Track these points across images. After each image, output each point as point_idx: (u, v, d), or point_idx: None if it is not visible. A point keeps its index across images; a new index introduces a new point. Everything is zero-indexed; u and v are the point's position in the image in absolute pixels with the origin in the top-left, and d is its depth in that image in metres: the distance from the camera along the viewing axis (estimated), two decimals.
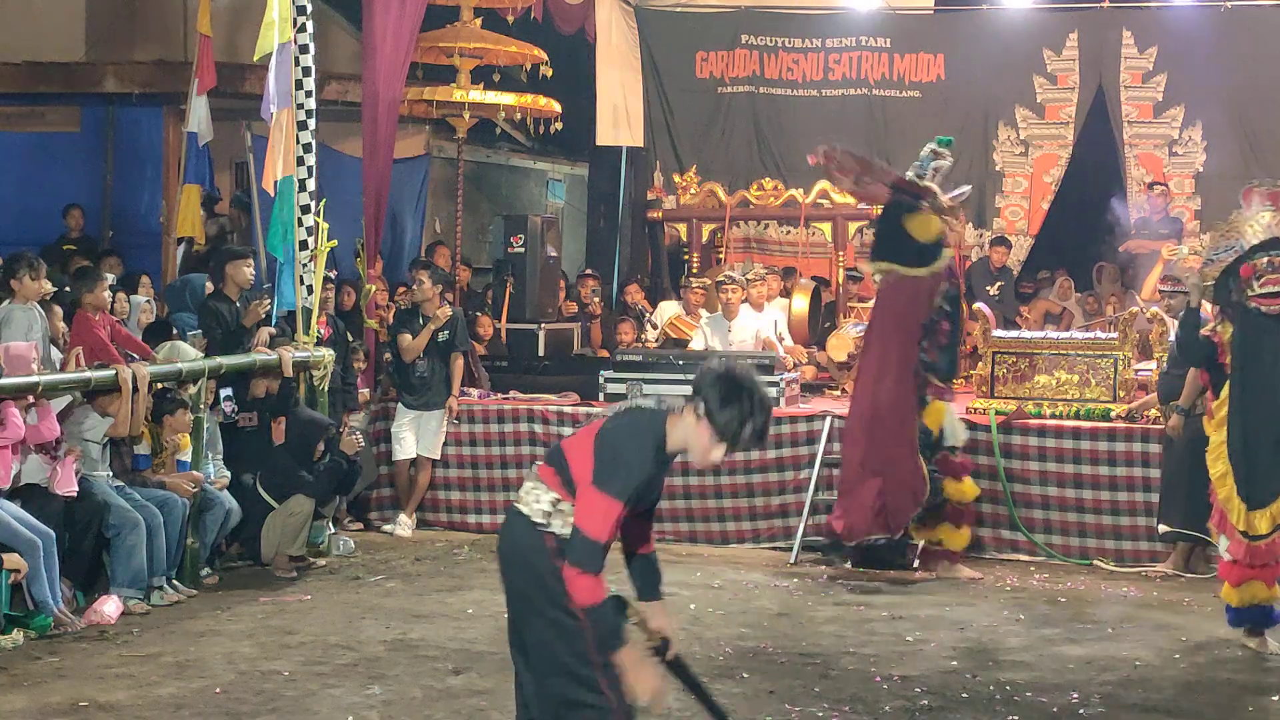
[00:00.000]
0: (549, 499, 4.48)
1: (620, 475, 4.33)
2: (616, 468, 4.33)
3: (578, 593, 4.37)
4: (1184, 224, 13.82)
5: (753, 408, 4.36)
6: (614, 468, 4.33)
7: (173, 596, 8.28)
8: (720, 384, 4.36)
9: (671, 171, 14.73)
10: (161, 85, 13.65)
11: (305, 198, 9.96)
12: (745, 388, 4.37)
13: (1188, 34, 14.05)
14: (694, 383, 4.40)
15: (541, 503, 4.49)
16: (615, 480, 4.33)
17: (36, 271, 8.52)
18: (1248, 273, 7.34)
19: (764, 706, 6.46)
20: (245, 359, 9.35)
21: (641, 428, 4.43)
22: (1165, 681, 6.95)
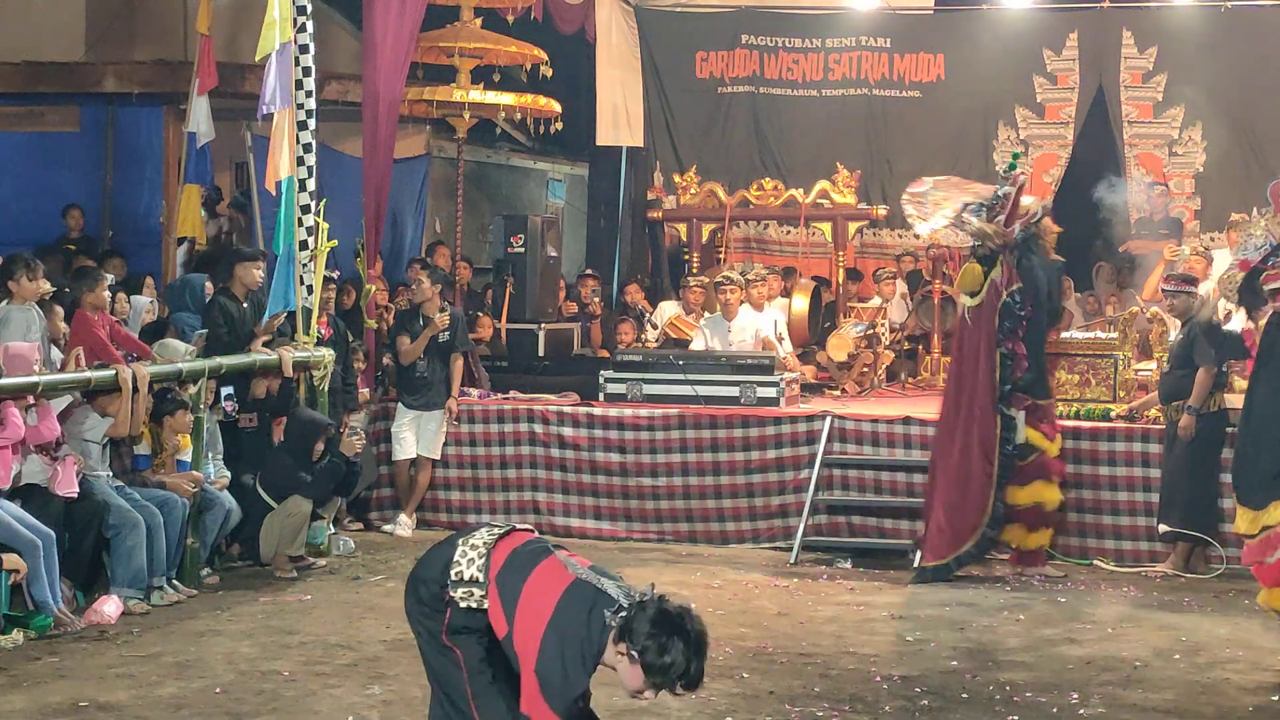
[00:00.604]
0: (476, 586, 4.38)
1: (563, 692, 4.20)
2: (565, 684, 4.20)
3: None
4: (1184, 224, 13.83)
5: (690, 655, 4.14)
6: (562, 683, 4.20)
7: (173, 596, 8.28)
8: (657, 632, 4.11)
9: (671, 171, 14.73)
10: (161, 85, 13.63)
11: (305, 198, 9.96)
12: (683, 633, 4.13)
13: (1188, 34, 14.04)
14: (626, 621, 4.12)
15: (468, 570, 4.39)
16: (558, 697, 4.20)
17: (34, 272, 8.50)
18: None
19: (764, 706, 6.46)
20: (245, 359, 9.35)
21: (590, 641, 4.20)
22: (1165, 681, 6.95)
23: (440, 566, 4.48)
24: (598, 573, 4.33)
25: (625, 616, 4.15)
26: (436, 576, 4.48)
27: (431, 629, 4.50)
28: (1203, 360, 9.27)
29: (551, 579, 4.31)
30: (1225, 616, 8.27)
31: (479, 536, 4.50)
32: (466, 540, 4.50)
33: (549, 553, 4.42)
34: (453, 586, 4.42)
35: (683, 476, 10.28)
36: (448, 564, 4.45)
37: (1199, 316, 9.44)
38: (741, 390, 10.41)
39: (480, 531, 4.53)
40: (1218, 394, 9.35)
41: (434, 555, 4.56)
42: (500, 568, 4.40)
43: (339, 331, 10.50)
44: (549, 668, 4.19)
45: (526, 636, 4.25)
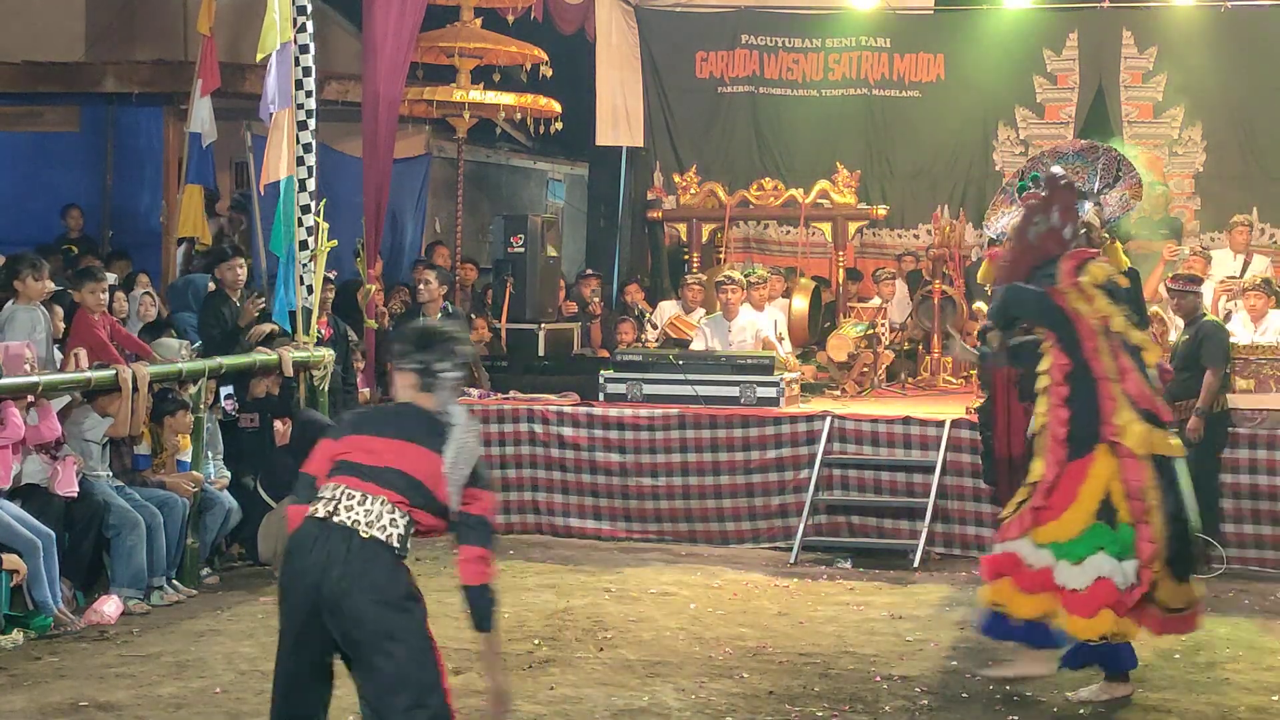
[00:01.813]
0: (401, 518, 4.49)
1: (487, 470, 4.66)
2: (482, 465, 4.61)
3: (493, 572, 4.58)
4: (1184, 224, 13.83)
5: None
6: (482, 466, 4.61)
7: (173, 596, 8.28)
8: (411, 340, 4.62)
9: (671, 171, 14.73)
10: (161, 85, 13.64)
11: (305, 198, 9.96)
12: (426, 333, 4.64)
13: (1188, 34, 14.05)
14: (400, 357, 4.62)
15: (386, 520, 4.47)
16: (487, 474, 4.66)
17: (39, 271, 8.53)
18: None
19: (764, 706, 6.46)
20: (245, 359, 9.36)
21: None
22: (1165, 681, 6.94)
23: (374, 549, 4.42)
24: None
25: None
26: (380, 552, 4.44)
27: (390, 597, 4.45)
28: (1211, 361, 9.27)
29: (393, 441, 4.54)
30: (1225, 616, 8.26)
31: (322, 505, 4.47)
32: (330, 512, 4.43)
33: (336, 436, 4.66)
34: (401, 545, 4.50)
35: (683, 476, 10.27)
36: (377, 543, 4.44)
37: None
38: (741, 390, 10.41)
39: (318, 505, 4.49)
40: (1220, 394, 9.35)
41: (359, 554, 4.41)
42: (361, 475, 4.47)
43: (339, 331, 10.50)
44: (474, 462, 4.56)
45: (427, 466, 4.48)
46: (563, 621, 7.91)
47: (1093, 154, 8.91)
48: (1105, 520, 6.37)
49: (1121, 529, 6.36)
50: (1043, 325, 6.77)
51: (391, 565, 4.46)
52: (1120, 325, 6.57)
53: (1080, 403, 6.48)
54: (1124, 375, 6.49)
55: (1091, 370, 6.48)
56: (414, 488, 4.47)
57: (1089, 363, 6.50)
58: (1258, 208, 13.78)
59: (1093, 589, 6.30)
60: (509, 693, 4.72)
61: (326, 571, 4.36)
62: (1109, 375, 6.47)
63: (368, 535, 4.40)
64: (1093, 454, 6.42)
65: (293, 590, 4.44)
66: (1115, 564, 6.32)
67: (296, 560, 4.43)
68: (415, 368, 4.58)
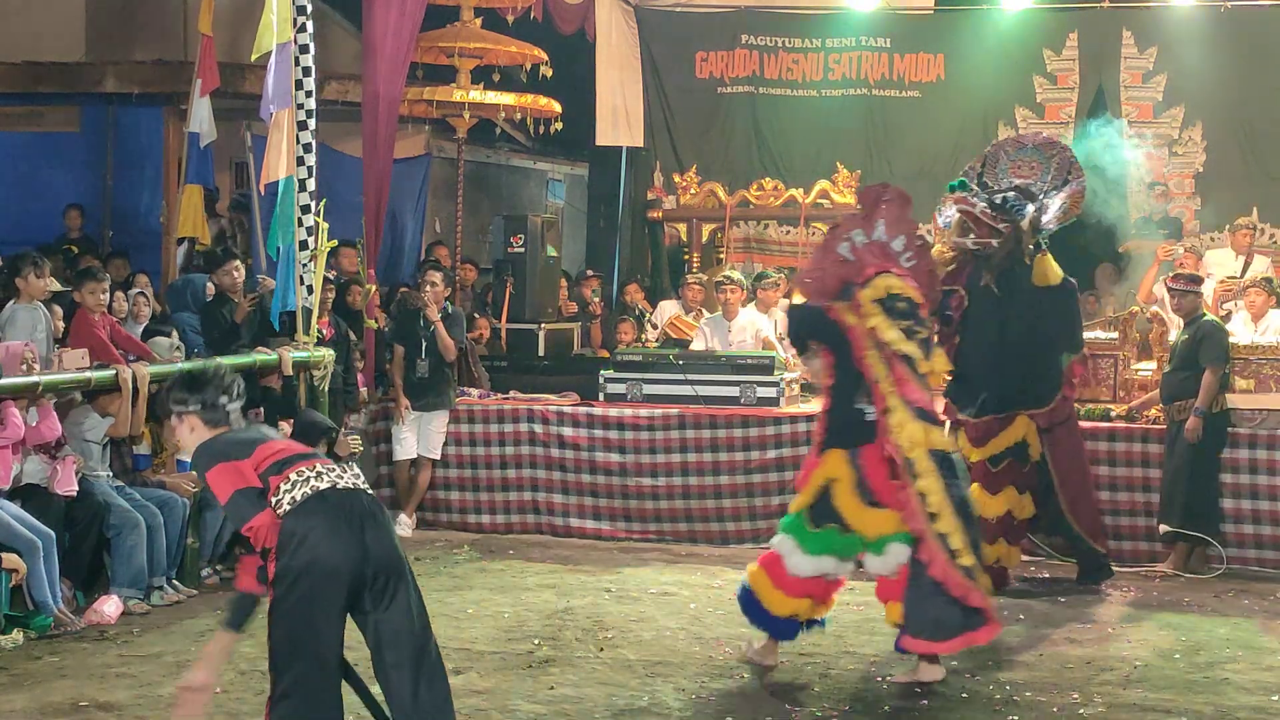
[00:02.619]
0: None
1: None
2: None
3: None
4: (1184, 224, 13.83)
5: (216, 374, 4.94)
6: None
7: (173, 596, 8.28)
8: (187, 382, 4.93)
9: (671, 171, 14.72)
10: (161, 85, 13.64)
11: (305, 198, 9.96)
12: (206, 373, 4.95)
13: (1188, 34, 14.04)
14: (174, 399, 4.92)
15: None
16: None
17: (41, 270, 8.55)
18: None
19: (764, 706, 6.46)
20: (245, 359, 9.36)
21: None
22: (1165, 681, 6.95)
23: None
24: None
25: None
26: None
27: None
28: (1210, 361, 9.27)
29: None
30: (1225, 616, 8.27)
31: (314, 480, 4.79)
32: (334, 482, 4.80)
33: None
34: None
35: (682, 476, 10.27)
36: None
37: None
38: (741, 390, 10.41)
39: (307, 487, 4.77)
40: (1220, 394, 9.35)
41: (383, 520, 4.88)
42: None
43: (340, 331, 10.51)
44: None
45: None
46: (563, 621, 7.91)
47: (1050, 150, 8.88)
48: (835, 524, 6.86)
49: (852, 537, 6.89)
50: (819, 341, 7.13)
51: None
52: (892, 338, 6.84)
53: (840, 408, 6.91)
54: (899, 381, 6.79)
55: (864, 377, 6.83)
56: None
57: (860, 371, 6.85)
58: (1258, 208, 13.77)
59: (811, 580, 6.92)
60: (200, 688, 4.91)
61: (364, 531, 4.75)
62: (881, 379, 6.80)
63: (373, 492, 4.92)
64: (825, 456, 6.92)
65: (345, 561, 4.73)
66: (839, 564, 7.03)
67: (334, 537, 4.71)
68: (196, 409, 4.88)
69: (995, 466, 8.84)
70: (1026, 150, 9.07)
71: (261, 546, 4.72)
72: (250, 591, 4.83)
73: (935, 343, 7.41)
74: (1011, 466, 8.85)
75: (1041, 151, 9.03)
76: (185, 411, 4.88)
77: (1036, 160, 8.98)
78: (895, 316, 6.88)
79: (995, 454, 8.83)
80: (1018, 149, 9.10)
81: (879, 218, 7.18)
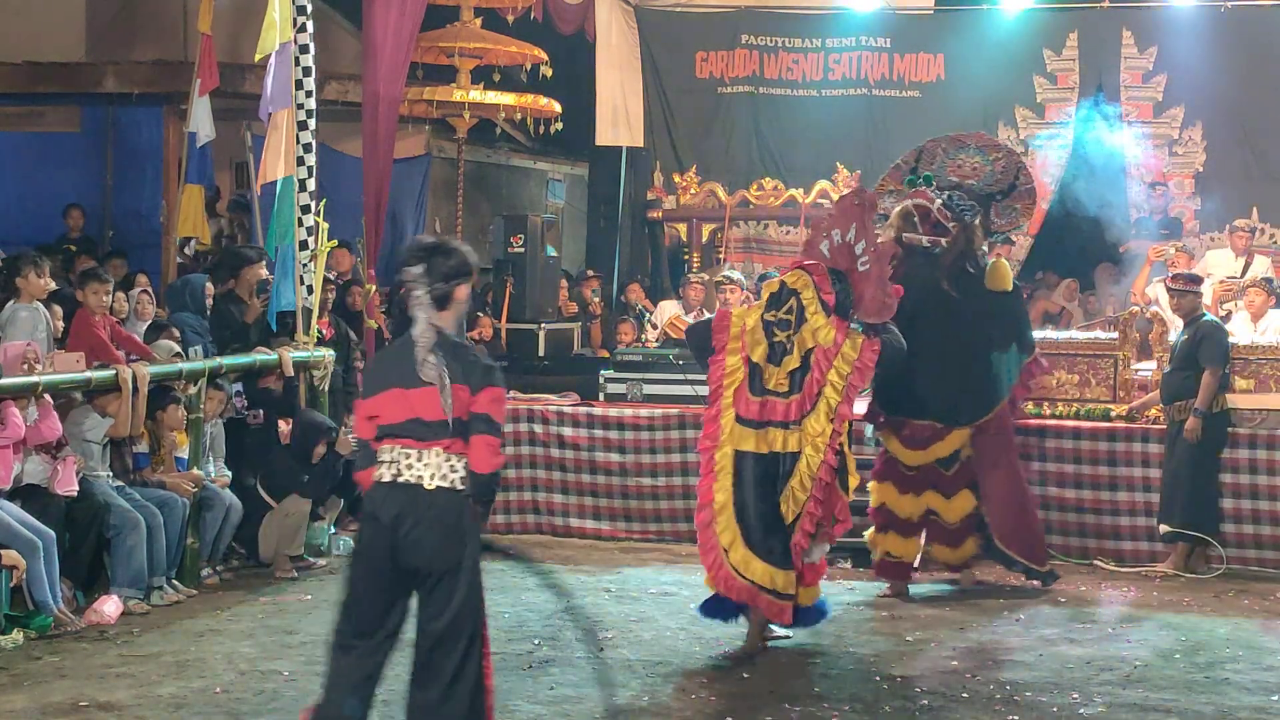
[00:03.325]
0: (456, 459, 4.95)
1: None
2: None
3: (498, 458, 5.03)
4: (1184, 224, 13.82)
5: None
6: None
7: (173, 596, 8.28)
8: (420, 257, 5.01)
9: (671, 171, 14.72)
10: (161, 85, 13.65)
11: (305, 198, 9.97)
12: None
13: (1188, 34, 14.02)
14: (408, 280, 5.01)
15: (436, 468, 4.94)
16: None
17: (41, 270, 8.55)
18: None
19: (764, 706, 6.46)
20: (245, 359, 9.36)
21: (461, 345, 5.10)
22: (1165, 681, 6.95)
23: (447, 498, 4.91)
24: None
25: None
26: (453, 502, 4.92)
27: (453, 538, 4.95)
28: (1209, 361, 9.27)
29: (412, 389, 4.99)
30: (1225, 616, 8.28)
31: (386, 469, 4.96)
32: (395, 475, 4.93)
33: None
34: (463, 483, 4.93)
35: (683, 476, 10.26)
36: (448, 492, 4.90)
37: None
38: None
39: (382, 469, 4.97)
40: (1220, 394, 9.35)
41: (431, 504, 4.91)
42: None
43: (340, 331, 10.51)
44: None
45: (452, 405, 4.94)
46: (563, 621, 7.91)
47: (994, 152, 8.74)
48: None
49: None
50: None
51: (455, 509, 4.94)
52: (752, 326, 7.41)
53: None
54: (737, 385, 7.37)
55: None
56: (443, 427, 4.90)
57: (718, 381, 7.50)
58: (1258, 208, 13.77)
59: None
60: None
61: (398, 526, 4.87)
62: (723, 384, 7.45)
63: (432, 486, 4.90)
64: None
65: (372, 547, 4.95)
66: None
67: (372, 522, 4.95)
68: (425, 282, 4.98)
69: (949, 469, 8.74)
70: (968, 149, 8.89)
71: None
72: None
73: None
74: (964, 468, 8.76)
75: (984, 153, 8.86)
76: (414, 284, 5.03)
77: (979, 161, 8.84)
78: (775, 306, 7.37)
79: (943, 457, 8.72)
80: (957, 148, 8.92)
81: (853, 221, 7.29)
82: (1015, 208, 8.74)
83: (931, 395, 8.57)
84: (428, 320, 4.98)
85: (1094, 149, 14.34)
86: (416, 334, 4.97)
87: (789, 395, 7.34)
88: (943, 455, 8.71)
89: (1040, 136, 14.45)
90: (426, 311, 4.99)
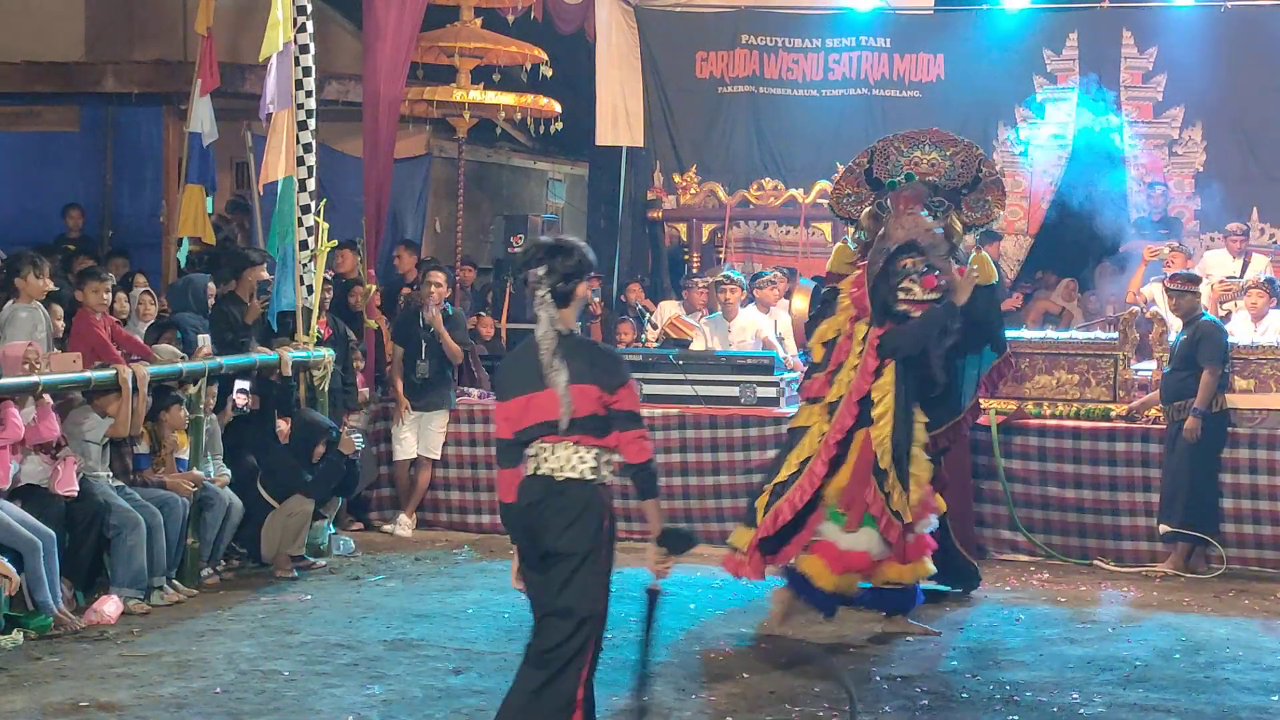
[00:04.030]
0: (593, 455, 5.21)
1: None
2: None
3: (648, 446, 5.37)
4: (1184, 224, 13.83)
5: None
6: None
7: (173, 596, 8.28)
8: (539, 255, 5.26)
9: (671, 171, 14.72)
10: (161, 85, 13.66)
11: (305, 198, 9.97)
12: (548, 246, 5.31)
13: (1188, 34, 14.02)
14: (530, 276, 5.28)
15: (578, 462, 5.20)
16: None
17: (40, 270, 8.54)
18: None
19: (764, 706, 6.46)
20: (245, 359, 9.36)
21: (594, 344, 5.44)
22: (1165, 681, 6.95)
23: (579, 489, 5.21)
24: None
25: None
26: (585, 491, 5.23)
27: (585, 525, 5.27)
28: (1207, 361, 9.28)
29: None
30: (1225, 616, 8.28)
31: (530, 463, 5.23)
32: (535, 468, 5.22)
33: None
34: (594, 473, 5.26)
35: (682, 476, 10.27)
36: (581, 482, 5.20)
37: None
38: (741, 390, 10.41)
39: (528, 463, 5.24)
40: (1220, 394, 9.35)
41: (562, 494, 5.20)
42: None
43: (339, 331, 10.51)
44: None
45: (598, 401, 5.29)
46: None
47: (951, 146, 8.63)
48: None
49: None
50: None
51: (582, 499, 5.24)
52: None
53: None
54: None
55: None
56: (571, 425, 5.17)
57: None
58: (1258, 208, 13.76)
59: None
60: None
61: (533, 511, 5.19)
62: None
63: (562, 478, 5.19)
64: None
65: (517, 534, 5.28)
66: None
67: (516, 511, 5.25)
68: (548, 281, 5.25)
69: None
70: (922, 146, 8.73)
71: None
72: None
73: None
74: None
75: (940, 149, 8.69)
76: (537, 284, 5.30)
77: (936, 156, 8.68)
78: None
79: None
80: (911, 145, 8.73)
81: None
82: (986, 199, 8.55)
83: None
84: (550, 320, 5.24)
85: (1094, 149, 14.35)
86: (540, 335, 5.24)
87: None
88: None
89: (1040, 136, 14.45)
90: (548, 310, 5.24)
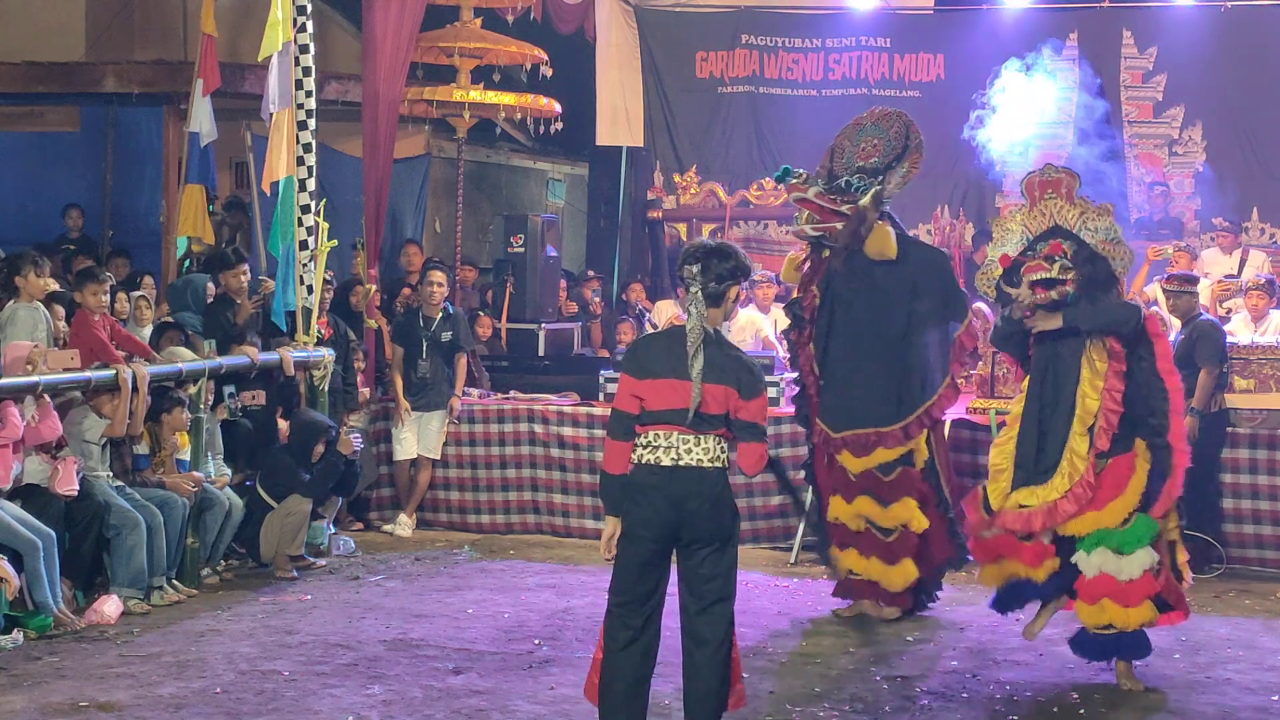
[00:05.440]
0: (719, 445, 5.48)
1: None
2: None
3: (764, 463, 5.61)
4: (1184, 224, 13.84)
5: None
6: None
7: (173, 596, 8.28)
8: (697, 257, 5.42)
9: (671, 171, 14.73)
10: (161, 85, 13.65)
11: (305, 198, 9.97)
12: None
13: (1188, 34, 14.04)
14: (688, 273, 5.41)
15: (711, 451, 5.46)
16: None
17: (41, 269, 8.55)
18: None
19: (764, 706, 6.46)
20: (246, 360, 9.36)
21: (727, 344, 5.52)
22: (1165, 681, 6.95)
23: (714, 476, 5.46)
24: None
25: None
26: (717, 479, 5.47)
27: (725, 512, 5.51)
28: (1205, 361, 9.27)
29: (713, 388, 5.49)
30: (1225, 616, 8.28)
31: (662, 453, 5.46)
32: (675, 460, 5.44)
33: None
34: (726, 464, 5.48)
35: None
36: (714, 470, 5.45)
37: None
38: None
39: (658, 453, 5.44)
40: (1218, 394, 9.35)
41: (697, 481, 5.42)
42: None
43: (339, 331, 10.51)
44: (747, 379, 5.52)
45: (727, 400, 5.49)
46: (563, 621, 7.92)
47: (888, 123, 8.60)
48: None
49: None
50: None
51: (725, 486, 5.48)
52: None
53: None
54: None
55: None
56: (716, 419, 5.42)
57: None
58: (1258, 208, 13.78)
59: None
60: None
61: (684, 506, 5.41)
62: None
63: (710, 467, 5.42)
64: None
65: (650, 524, 5.46)
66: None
67: (647, 504, 5.45)
68: (702, 280, 5.39)
69: (888, 475, 7.99)
70: (865, 130, 8.67)
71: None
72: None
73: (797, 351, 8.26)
74: (906, 475, 8.04)
75: (879, 127, 8.60)
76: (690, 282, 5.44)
77: (877, 138, 8.61)
78: None
79: (886, 462, 7.98)
80: (858, 131, 8.63)
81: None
82: (905, 169, 8.52)
83: (860, 400, 8.02)
84: (699, 316, 5.36)
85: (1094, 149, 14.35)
86: (689, 328, 5.36)
87: None
88: (886, 460, 7.98)
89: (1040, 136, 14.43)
90: (699, 307, 5.36)
